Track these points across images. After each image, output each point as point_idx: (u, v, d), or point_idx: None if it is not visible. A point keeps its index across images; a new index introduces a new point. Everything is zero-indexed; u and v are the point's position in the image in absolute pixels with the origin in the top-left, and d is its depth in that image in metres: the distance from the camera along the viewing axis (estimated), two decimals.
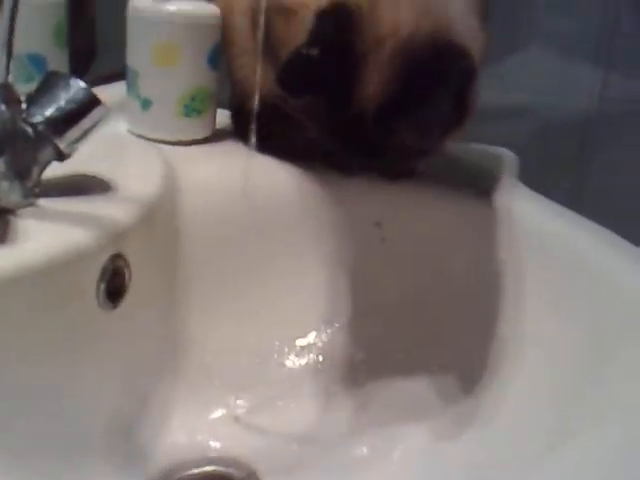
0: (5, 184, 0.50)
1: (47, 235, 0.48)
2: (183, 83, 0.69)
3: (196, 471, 0.54)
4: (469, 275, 0.62)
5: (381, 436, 0.58)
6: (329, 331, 0.65)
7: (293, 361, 0.64)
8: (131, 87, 0.70)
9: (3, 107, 0.49)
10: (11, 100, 0.50)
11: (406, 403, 0.60)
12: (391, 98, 0.52)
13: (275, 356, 0.63)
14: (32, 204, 0.52)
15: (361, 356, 0.64)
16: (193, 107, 0.70)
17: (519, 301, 0.59)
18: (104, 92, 0.72)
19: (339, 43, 0.52)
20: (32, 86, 0.66)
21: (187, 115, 0.70)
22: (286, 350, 0.64)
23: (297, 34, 0.60)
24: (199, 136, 0.72)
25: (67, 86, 0.53)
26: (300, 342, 0.64)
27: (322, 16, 0.54)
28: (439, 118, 0.53)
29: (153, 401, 0.56)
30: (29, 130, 0.52)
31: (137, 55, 0.69)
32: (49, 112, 0.53)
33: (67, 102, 0.53)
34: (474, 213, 0.63)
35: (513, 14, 0.96)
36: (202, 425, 0.57)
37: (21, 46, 0.50)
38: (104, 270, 0.50)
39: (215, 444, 0.56)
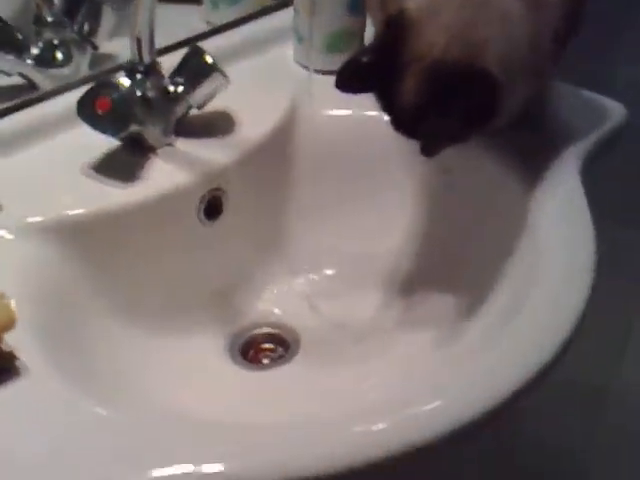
0: (151, 128, 0.75)
1: (163, 174, 0.74)
2: (326, 27, 0.87)
3: (257, 331, 0.81)
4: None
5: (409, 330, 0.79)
6: (398, 246, 0.84)
7: (363, 264, 0.84)
8: (294, 23, 0.90)
9: (149, 82, 0.73)
10: (156, 73, 0.74)
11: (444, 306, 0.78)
12: (422, 102, 0.66)
13: (352, 258, 0.84)
14: (170, 144, 0.77)
15: (417, 269, 0.83)
16: (334, 45, 0.88)
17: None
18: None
19: (390, 53, 0.66)
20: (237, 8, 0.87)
21: (330, 51, 0.88)
22: (361, 254, 0.84)
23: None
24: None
25: (198, 60, 0.76)
26: (373, 250, 0.84)
27: (386, 27, 0.68)
28: (454, 125, 0.65)
29: (248, 282, 0.82)
30: (171, 89, 0.75)
31: None
32: (184, 78, 0.76)
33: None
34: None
35: None
36: (277, 300, 0.82)
37: None
38: (202, 198, 0.75)
39: (279, 312, 0.81)
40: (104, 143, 0.75)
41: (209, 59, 0.76)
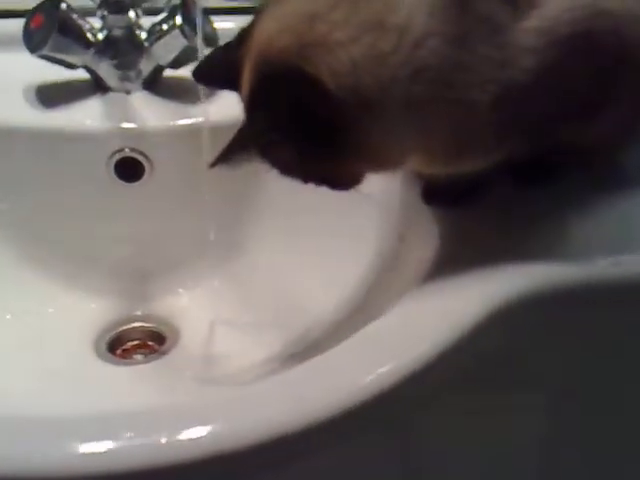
0: (104, 66, 0.70)
1: (89, 114, 0.69)
2: None
3: (131, 325, 0.71)
4: None
5: None
6: (323, 309, 0.68)
7: (284, 309, 0.70)
8: None
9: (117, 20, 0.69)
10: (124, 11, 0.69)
11: None
12: (247, 101, 0.52)
13: (277, 297, 0.71)
14: (128, 92, 0.72)
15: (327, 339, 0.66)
16: None
17: None
18: None
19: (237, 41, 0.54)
20: None
21: None
22: (287, 299, 0.71)
23: None
24: None
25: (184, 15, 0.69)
26: (300, 301, 0.70)
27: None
28: (259, 135, 0.50)
29: (151, 267, 0.73)
30: (142, 36, 0.70)
31: None
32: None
33: None
34: None
35: None
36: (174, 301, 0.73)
37: None
38: (114, 153, 0.69)
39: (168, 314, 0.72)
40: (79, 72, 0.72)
41: (195, 15, 0.67)
